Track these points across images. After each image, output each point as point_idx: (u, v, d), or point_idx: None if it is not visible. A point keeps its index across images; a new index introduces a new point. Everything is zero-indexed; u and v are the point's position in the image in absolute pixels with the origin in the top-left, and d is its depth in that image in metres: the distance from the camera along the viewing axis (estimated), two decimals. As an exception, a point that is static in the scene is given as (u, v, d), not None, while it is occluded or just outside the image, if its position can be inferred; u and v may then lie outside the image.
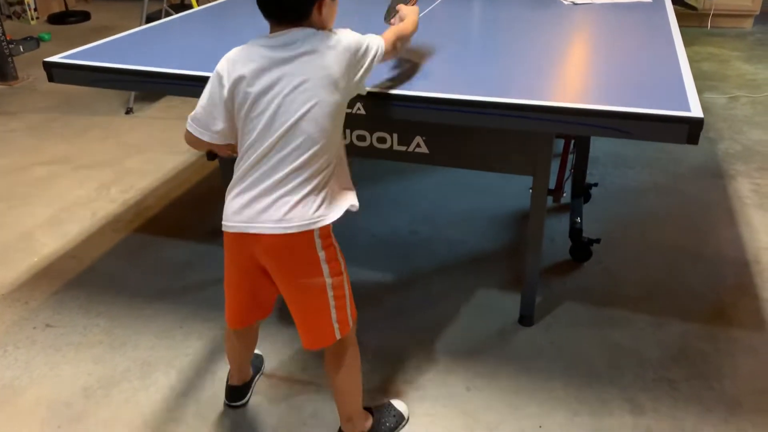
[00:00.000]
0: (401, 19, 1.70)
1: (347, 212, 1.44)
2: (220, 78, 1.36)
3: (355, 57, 1.37)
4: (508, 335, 2.01)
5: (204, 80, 1.40)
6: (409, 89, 1.65)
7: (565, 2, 2.57)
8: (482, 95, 1.58)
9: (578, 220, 2.40)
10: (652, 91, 1.57)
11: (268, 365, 1.91)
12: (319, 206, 1.36)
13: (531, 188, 1.89)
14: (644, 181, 2.94)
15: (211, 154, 2.29)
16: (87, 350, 1.99)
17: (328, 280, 1.40)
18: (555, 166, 2.23)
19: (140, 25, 4.24)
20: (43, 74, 1.96)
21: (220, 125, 1.38)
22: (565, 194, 2.23)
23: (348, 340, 1.51)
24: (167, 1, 4.44)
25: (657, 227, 2.58)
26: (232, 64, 1.34)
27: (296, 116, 1.30)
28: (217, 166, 2.40)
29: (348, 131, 1.93)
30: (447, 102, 1.59)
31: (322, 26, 1.36)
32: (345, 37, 1.36)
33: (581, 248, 2.35)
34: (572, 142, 2.41)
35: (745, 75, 4.25)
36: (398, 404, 1.73)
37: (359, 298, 1.51)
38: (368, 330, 2.00)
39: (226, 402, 1.78)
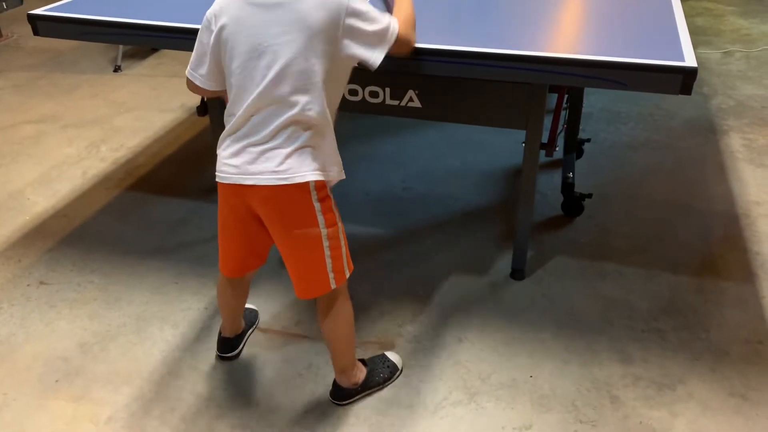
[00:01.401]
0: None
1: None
2: (208, 24, 1.36)
3: (345, 9, 1.29)
4: (499, 288, 2.04)
5: (194, 32, 1.39)
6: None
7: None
8: (475, 46, 1.56)
9: (570, 175, 2.41)
10: (647, 42, 1.56)
11: (263, 319, 1.93)
12: (314, 159, 1.36)
13: (523, 142, 1.89)
14: (637, 137, 2.94)
15: (202, 109, 2.27)
16: (82, 306, 2.00)
17: (324, 231, 1.41)
18: (548, 121, 2.22)
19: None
20: (28, 31, 1.93)
21: (205, 69, 1.40)
22: (557, 149, 2.23)
23: (341, 291, 1.53)
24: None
25: (649, 182, 2.59)
26: (219, 11, 1.34)
27: (279, 67, 1.28)
28: (208, 124, 2.38)
29: (340, 85, 1.91)
30: (440, 53, 1.58)
31: None
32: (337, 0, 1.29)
33: (573, 203, 2.36)
34: (565, 96, 2.40)
35: (739, 30, 4.22)
36: (392, 356, 1.75)
37: (353, 252, 1.52)
38: (362, 283, 2.02)
39: (218, 353, 1.80)
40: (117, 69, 3.82)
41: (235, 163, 1.36)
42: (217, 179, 1.40)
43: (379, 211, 2.44)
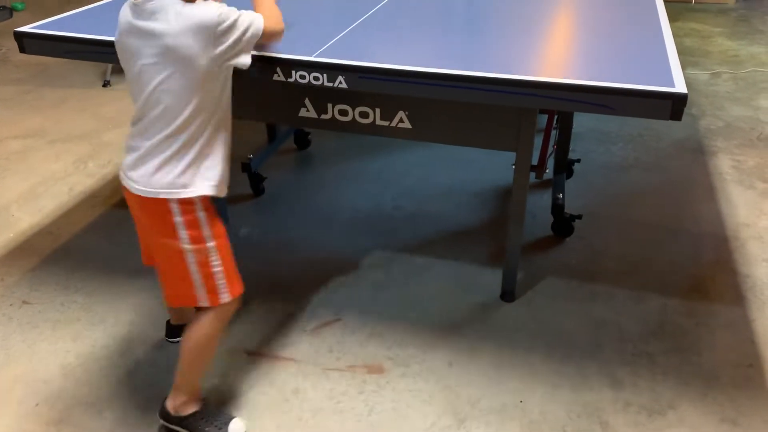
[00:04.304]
0: None
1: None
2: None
3: (214, 32, 1.33)
4: (490, 310, 2.02)
5: None
6: (391, 63, 1.62)
7: (550, -25, 2.53)
8: (464, 69, 1.56)
9: (560, 196, 2.40)
10: (637, 67, 1.56)
11: (249, 344, 1.90)
12: (180, 175, 1.40)
13: (514, 164, 1.88)
14: (627, 157, 2.94)
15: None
16: (65, 327, 1.96)
17: (186, 246, 1.44)
18: (538, 141, 2.22)
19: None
20: (16, 45, 1.91)
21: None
22: (547, 170, 2.23)
23: (217, 314, 1.51)
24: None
25: (639, 203, 2.59)
26: (119, 24, 1.41)
27: (152, 86, 1.35)
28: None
29: (330, 105, 1.90)
30: (429, 76, 1.57)
31: None
32: (205, 11, 1.33)
33: (563, 224, 2.36)
34: (555, 117, 2.41)
35: (727, 51, 4.26)
36: (235, 423, 1.59)
37: (342, 272, 1.50)
38: (351, 305, 2.00)
39: (166, 338, 1.88)
40: (106, 84, 3.80)
41: (124, 162, 1.46)
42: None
43: (368, 229, 2.42)
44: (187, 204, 1.41)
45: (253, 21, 1.42)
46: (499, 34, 1.91)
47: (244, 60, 1.43)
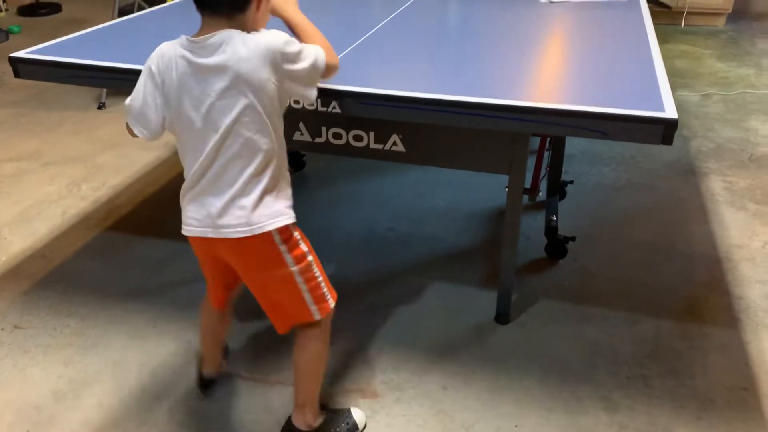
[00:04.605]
0: (290, 27, 1.50)
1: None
2: (152, 76, 1.35)
3: (281, 56, 1.30)
4: (484, 333, 2.02)
5: None
6: (385, 88, 1.63)
7: (542, 1, 2.57)
8: (458, 94, 1.57)
9: (554, 218, 2.41)
10: (627, 92, 1.58)
11: (243, 368, 1.89)
12: (273, 204, 1.37)
13: (507, 187, 1.89)
14: (619, 179, 2.96)
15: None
16: (57, 352, 1.94)
17: (294, 269, 1.42)
18: (531, 163, 2.23)
19: (112, 17, 4.16)
20: (11, 68, 1.91)
21: (155, 123, 1.38)
22: (540, 193, 2.24)
23: (322, 325, 1.52)
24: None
25: (631, 224, 2.60)
26: (164, 66, 1.33)
27: (227, 123, 1.30)
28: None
29: (324, 129, 1.91)
30: (422, 102, 1.58)
31: (256, 24, 1.34)
32: (271, 36, 1.31)
33: (557, 246, 2.36)
34: (548, 139, 2.42)
35: (717, 73, 4.30)
36: (356, 413, 1.69)
37: (336, 293, 1.50)
38: (344, 328, 1.99)
39: (200, 388, 1.80)
40: (101, 106, 3.81)
41: (198, 216, 1.39)
42: (183, 232, 1.42)
43: (362, 252, 2.42)
44: (285, 229, 1.39)
45: (317, 53, 1.39)
46: (491, 60, 1.92)
47: (310, 93, 1.40)
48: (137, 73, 1.52)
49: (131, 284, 2.24)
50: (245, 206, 1.35)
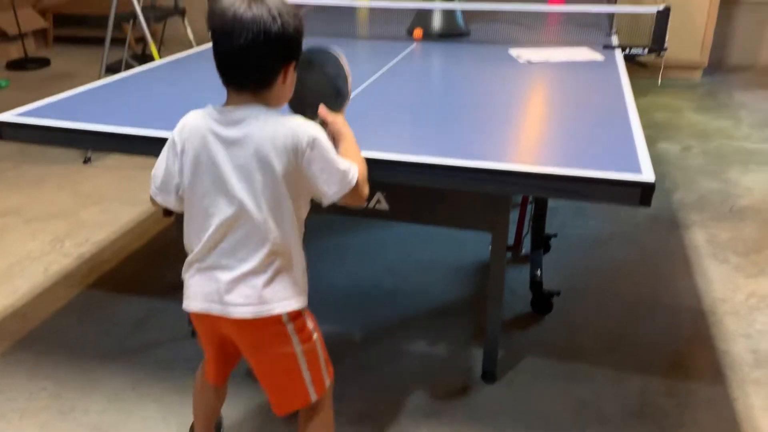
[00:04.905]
0: (333, 137, 1.43)
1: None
2: (174, 146, 1.34)
3: (304, 151, 1.26)
4: (471, 391, 1.99)
5: (161, 141, 1.39)
6: (368, 149, 1.65)
7: (521, 61, 2.63)
8: (438, 156, 1.59)
9: (538, 272, 2.41)
10: (605, 154, 1.60)
11: (225, 430, 1.84)
12: (286, 287, 1.34)
13: (490, 244, 1.90)
14: (603, 231, 2.98)
15: (168, 211, 2.25)
16: (33, 416, 1.90)
17: (299, 348, 1.39)
18: (514, 215, 2.25)
19: (100, 74, 4.21)
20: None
21: (174, 191, 1.37)
22: (524, 250, 2.25)
23: (324, 401, 1.49)
24: (129, 51, 4.43)
25: (616, 278, 2.61)
26: (186, 134, 1.32)
27: (244, 197, 1.28)
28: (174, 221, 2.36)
29: (307, 188, 1.92)
30: (405, 165, 1.60)
31: (280, 98, 1.33)
32: (300, 124, 1.28)
33: (542, 301, 2.36)
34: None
35: (696, 125, 4.40)
36: None
37: (317, 362, 1.49)
38: (328, 390, 1.96)
39: None
40: (87, 160, 3.82)
41: (204, 291, 1.34)
42: (184, 307, 1.38)
43: (346, 308, 2.40)
44: (297, 313, 1.37)
45: (351, 167, 1.32)
46: (471, 120, 1.96)
47: (330, 193, 1.31)
48: (122, 136, 1.54)
49: (111, 344, 2.21)
50: (256, 285, 1.31)
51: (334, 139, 1.42)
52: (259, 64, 1.26)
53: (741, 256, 2.76)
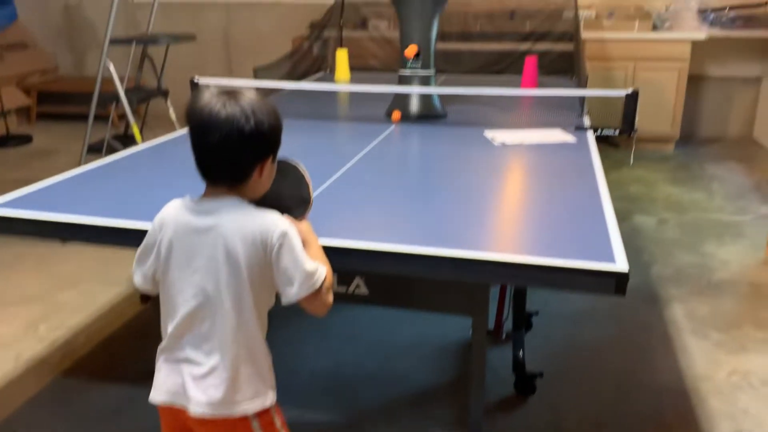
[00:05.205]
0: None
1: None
2: (154, 230, 1.36)
3: (273, 246, 1.27)
4: (454, 482, 1.94)
5: (138, 233, 1.40)
6: (344, 238, 1.66)
7: (496, 143, 2.69)
8: (413, 245, 1.60)
9: (520, 353, 2.40)
10: (579, 243, 1.62)
11: None
12: (252, 384, 1.32)
13: (471, 328, 1.89)
14: (583, 307, 2.99)
15: (145, 297, 2.23)
16: None
17: None
18: (496, 291, 2.24)
19: (82, 154, 4.25)
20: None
21: (150, 273, 1.38)
22: (504, 334, 2.24)
23: None
24: (111, 130, 4.47)
25: (598, 357, 2.60)
26: (166, 221, 1.34)
27: (209, 288, 1.29)
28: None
29: (286, 275, 1.91)
30: (377, 254, 1.61)
31: (256, 191, 1.35)
32: (271, 219, 1.29)
33: (525, 383, 2.34)
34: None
35: (670, 197, 4.49)
36: None
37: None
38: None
39: None
40: (65, 240, 3.78)
41: (169, 384, 1.32)
42: (150, 398, 1.35)
43: (327, 393, 2.36)
44: (265, 412, 1.35)
45: (319, 267, 1.32)
46: (446, 207, 1.98)
47: (291, 292, 1.30)
48: (99, 228, 1.54)
49: (84, 437, 2.13)
50: (221, 382, 1.29)
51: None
52: (232, 161, 1.29)
53: (721, 332, 2.77)
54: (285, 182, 1.47)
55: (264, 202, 1.38)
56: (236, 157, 1.29)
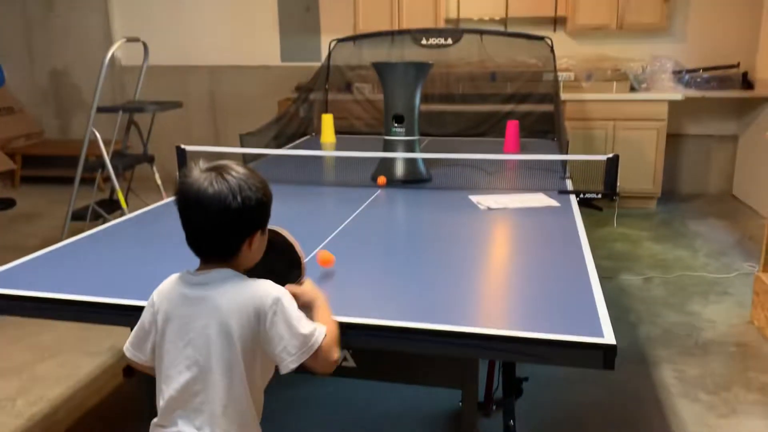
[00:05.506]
0: (306, 307, 1.46)
1: None
2: (152, 305, 1.38)
3: (267, 315, 1.29)
4: None
5: (125, 309, 1.40)
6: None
7: (481, 207, 2.72)
8: (398, 320, 1.59)
9: (511, 423, 2.36)
10: (566, 316, 1.61)
11: None
12: None
13: (461, 401, 1.86)
14: (573, 371, 2.95)
15: (129, 371, 2.18)
16: None
17: None
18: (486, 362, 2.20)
19: (66, 221, 4.22)
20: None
21: (147, 348, 1.39)
22: (495, 406, 2.20)
23: None
24: (95, 196, 4.46)
25: (588, 422, 2.56)
26: (161, 296, 1.36)
27: (202, 359, 1.29)
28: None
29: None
30: (362, 327, 1.60)
31: (249, 262, 1.38)
32: (264, 289, 1.31)
33: (516, 453, 2.29)
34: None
35: (655, 255, 4.52)
36: None
37: None
38: None
39: None
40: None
41: None
42: None
43: (315, 469, 2.29)
44: None
45: (317, 329, 1.34)
46: (433, 278, 1.98)
47: (288, 361, 1.31)
48: (82, 304, 1.53)
49: None
50: None
51: (307, 308, 1.44)
52: (220, 237, 1.34)
53: (711, 394, 2.75)
54: (273, 251, 1.49)
55: (257, 272, 1.39)
56: (224, 233, 1.32)
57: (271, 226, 1.47)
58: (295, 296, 1.42)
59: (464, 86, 5.53)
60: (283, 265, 1.52)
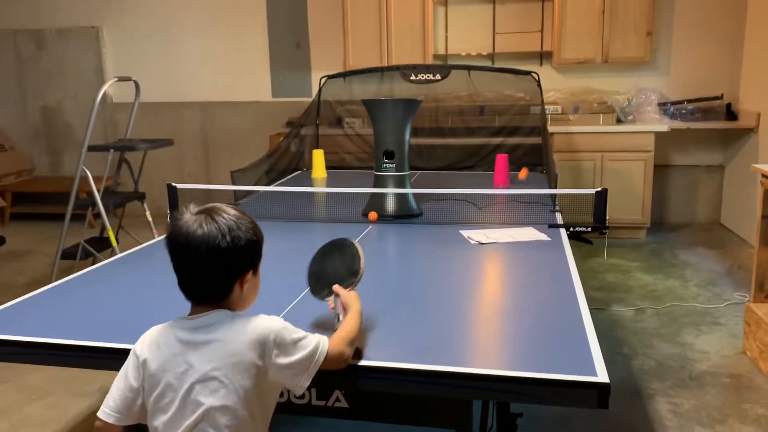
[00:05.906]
0: (343, 308, 1.64)
1: None
2: (135, 359, 1.35)
3: (274, 344, 1.33)
4: None
5: (114, 353, 1.39)
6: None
7: (472, 242, 2.73)
8: (390, 360, 1.59)
9: (506, 461, 2.34)
10: (559, 355, 1.61)
11: None
12: None
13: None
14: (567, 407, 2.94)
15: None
16: None
17: None
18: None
19: (55, 260, 4.19)
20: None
21: (136, 408, 1.35)
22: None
23: None
24: (86, 231, 4.45)
25: (585, 459, 2.54)
26: (148, 347, 1.34)
27: (206, 404, 1.28)
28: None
29: (264, 390, 1.87)
30: (355, 369, 1.59)
31: (243, 303, 1.39)
32: (267, 322, 1.34)
33: (512, 492, 2.26)
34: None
35: (647, 285, 4.53)
36: None
37: None
38: None
39: None
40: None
41: None
42: None
43: None
44: None
45: (320, 343, 1.41)
46: (425, 316, 1.98)
47: (300, 384, 1.39)
48: (72, 348, 1.51)
49: None
50: None
51: (344, 308, 1.62)
52: (211, 277, 1.34)
53: (705, 427, 2.74)
54: (343, 257, 1.76)
55: (323, 273, 1.71)
56: (214, 273, 1.33)
57: (346, 238, 1.76)
58: (341, 296, 1.65)
59: (453, 120, 5.60)
60: (345, 269, 1.74)
